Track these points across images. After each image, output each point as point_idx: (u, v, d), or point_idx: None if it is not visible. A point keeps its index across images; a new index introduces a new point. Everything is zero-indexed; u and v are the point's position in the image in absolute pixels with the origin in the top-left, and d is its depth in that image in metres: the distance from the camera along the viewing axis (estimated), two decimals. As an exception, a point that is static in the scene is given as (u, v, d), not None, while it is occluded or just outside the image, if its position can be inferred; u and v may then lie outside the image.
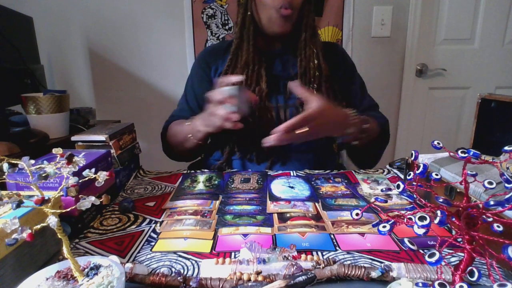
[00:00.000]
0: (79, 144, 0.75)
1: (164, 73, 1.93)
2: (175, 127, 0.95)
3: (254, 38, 0.91)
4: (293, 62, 0.94)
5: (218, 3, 1.84)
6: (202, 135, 0.84)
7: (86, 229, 0.57)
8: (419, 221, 0.31)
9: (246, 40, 0.91)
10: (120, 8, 1.83)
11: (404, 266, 0.42)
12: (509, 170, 0.57)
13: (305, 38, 0.92)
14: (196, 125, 0.83)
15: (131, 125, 0.86)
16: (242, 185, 0.75)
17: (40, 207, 0.34)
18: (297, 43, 0.93)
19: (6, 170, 0.35)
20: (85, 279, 0.36)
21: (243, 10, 0.92)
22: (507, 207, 0.30)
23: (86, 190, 0.59)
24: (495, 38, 1.92)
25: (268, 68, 0.93)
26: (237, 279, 0.41)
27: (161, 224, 0.58)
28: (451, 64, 1.96)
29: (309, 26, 0.92)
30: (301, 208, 0.63)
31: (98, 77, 1.94)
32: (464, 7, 1.88)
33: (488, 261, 0.32)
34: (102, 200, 0.37)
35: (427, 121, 2.07)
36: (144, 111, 1.97)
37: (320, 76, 0.91)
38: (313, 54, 0.92)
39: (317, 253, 0.48)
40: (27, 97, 1.19)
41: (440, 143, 0.37)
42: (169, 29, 1.87)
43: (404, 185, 0.37)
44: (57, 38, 1.87)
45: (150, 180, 0.80)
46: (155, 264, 0.46)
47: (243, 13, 0.92)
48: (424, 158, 0.69)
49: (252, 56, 0.91)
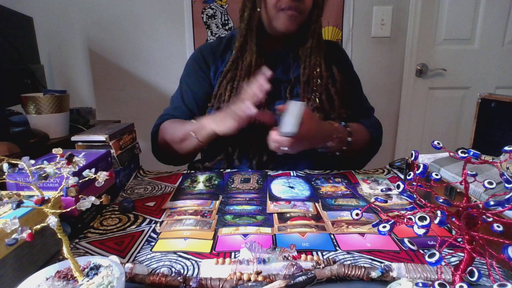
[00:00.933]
0: (79, 144, 0.75)
1: (164, 73, 1.93)
2: (172, 125, 0.92)
3: (257, 37, 0.89)
4: (294, 65, 0.93)
5: (218, 3, 1.84)
6: (207, 135, 0.82)
7: (86, 229, 0.57)
8: (419, 221, 0.31)
9: (250, 38, 0.89)
10: (120, 8, 1.83)
11: (404, 266, 0.42)
12: (509, 170, 0.57)
13: (311, 45, 0.90)
14: (203, 124, 0.82)
15: (131, 125, 0.86)
16: (242, 185, 0.75)
17: (40, 207, 0.34)
18: (300, 46, 0.91)
19: (6, 170, 0.35)
20: (85, 279, 0.36)
21: (251, 6, 0.87)
22: (507, 207, 0.30)
23: (86, 190, 0.59)
24: (495, 38, 1.92)
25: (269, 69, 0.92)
26: (237, 279, 0.41)
27: (161, 224, 0.58)
28: (451, 64, 1.96)
29: (316, 33, 0.90)
30: (301, 208, 0.63)
31: (98, 77, 1.94)
32: (464, 7, 1.88)
33: (488, 261, 0.32)
34: (102, 200, 0.37)
35: (427, 121, 2.07)
36: (144, 111, 1.97)
37: (322, 84, 0.90)
38: (317, 62, 0.90)
39: (317, 253, 0.48)
40: (27, 97, 1.19)
41: (440, 143, 0.37)
42: (169, 29, 1.87)
43: (404, 185, 0.37)
44: (57, 38, 1.87)
45: (150, 180, 0.80)
46: (155, 264, 0.46)
47: (251, 8, 0.87)
48: (424, 158, 0.69)
49: (256, 57, 0.89)
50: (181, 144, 0.87)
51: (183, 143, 0.87)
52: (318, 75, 0.90)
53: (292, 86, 0.92)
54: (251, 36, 0.89)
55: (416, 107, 2.03)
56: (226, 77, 0.91)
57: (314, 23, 0.89)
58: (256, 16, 0.87)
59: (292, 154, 0.79)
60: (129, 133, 0.84)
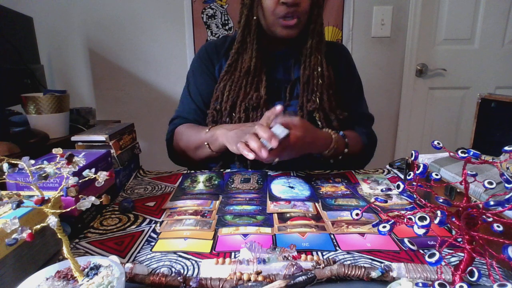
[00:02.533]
0: (79, 144, 0.75)
1: (164, 73, 1.93)
2: (186, 132, 0.92)
3: (258, 42, 0.88)
4: (295, 65, 0.93)
5: (218, 3, 1.84)
6: (219, 146, 0.82)
7: (86, 229, 0.56)
8: (419, 221, 0.31)
9: (249, 43, 0.88)
10: (120, 8, 1.83)
11: (404, 266, 0.42)
12: (509, 170, 0.57)
13: (311, 45, 0.89)
14: (217, 135, 0.82)
15: (131, 125, 0.86)
16: (242, 185, 0.75)
17: (40, 207, 0.34)
18: (301, 46, 0.90)
19: (6, 170, 0.35)
20: (85, 279, 0.36)
21: (247, 12, 0.87)
22: (507, 207, 0.30)
23: (86, 190, 0.59)
24: (495, 38, 1.92)
25: (269, 71, 0.91)
26: (237, 279, 0.41)
27: (161, 224, 0.58)
28: (451, 64, 1.96)
29: (316, 33, 0.88)
30: (301, 208, 0.63)
31: (98, 77, 1.94)
32: (464, 7, 1.88)
33: (488, 261, 0.32)
34: (102, 200, 0.37)
35: (427, 121, 2.07)
36: (144, 111, 1.97)
37: (323, 84, 0.89)
38: (318, 62, 0.89)
39: (317, 253, 0.48)
40: (27, 97, 1.19)
41: (440, 143, 0.37)
42: (169, 29, 1.87)
43: (404, 185, 0.37)
44: (57, 38, 1.87)
45: (150, 180, 0.80)
46: (155, 264, 0.46)
47: (247, 15, 0.87)
48: (424, 158, 0.69)
49: (254, 61, 0.88)
50: (195, 151, 0.89)
51: (197, 151, 0.88)
52: (319, 75, 0.89)
53: (292, 86, 0.92)
54: (250, 41, 0.88)
55: (416, 107, 2.03)
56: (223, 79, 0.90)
57: (314, 22, 0.88)
58: (253, 22, 0.87)
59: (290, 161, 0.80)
60: (129, 133, 0.84)
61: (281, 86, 0.91)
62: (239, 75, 0.89)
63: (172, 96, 1.94)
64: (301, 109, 0.89)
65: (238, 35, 0.90)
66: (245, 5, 0.87)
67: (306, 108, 0.88)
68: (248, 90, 0.88)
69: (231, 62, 0.90)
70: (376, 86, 1.97)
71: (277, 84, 0.91)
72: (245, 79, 0.88)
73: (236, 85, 0.89)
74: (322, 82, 0.89)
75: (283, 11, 0.81)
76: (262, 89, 0.88)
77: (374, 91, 1.94)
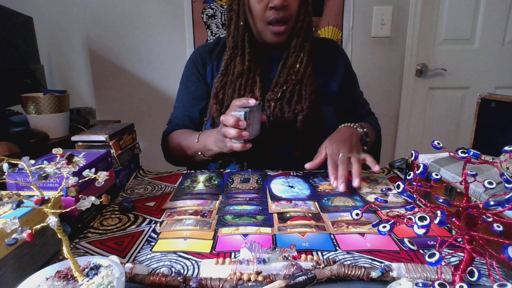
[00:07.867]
0: (79, 144, 0.75)
1: (164, 73, 1.93)
2: (180, 139, 0.93)
3: (250, 46, 0.88)
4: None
5: (218, 3, 1.84)
6: (213, 153, 0.85)
7: (86, 229, 0.57)
8: (419, 221, 0.31)
9: (241, 48, 0.88)
10: (120, 8, 1.83)
11: (404, 266, 0.42)
12: (509, 170, 0.57)
13: (295, 44, 0.89)
14: (207, 144, 0.84)
15: (131, 125, 0.86)
16: (242, 185, 0.75)
17: (40, 207, 0.34)
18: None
19: (6, 170, 0.35)
20: (85, 279, 0.36)
21: (236, 18, 0.87)
22: (507, 207, 0.30)
23: (86, 190, 0.59)
24: (495, 38, 1.92)
25: (264, 72, 0.91)
26: (237, 279, 0.41)
27: (161, 224, 0.58)
28: (451, 64, 1.96)
29: (302, 31, 0.88)
30: (303, 207, 0.63)
31: (98, 77, 1.94)
32: (464, 7, 1.88)
33: (488, 261, 0.32)
34: (102, 200, 0.37)
35: (427, 121, 2.07)
36: (144, 111, 1.97)
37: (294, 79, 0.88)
38: (298, 60, 0.89)
39: (317, 253, 0.48)
40: (27, 97, 1.19)
41: (440, 143, 0.37)
42: (169, 29, 1.87)
43: (404, 185, 0.37)
44: (57, 38, 1.87)
45: (150, 180, 0.80)
46: (155, 264, 0.46)
47: (235, 21, 0.87)
48: (424, 158, 0.69)
49: (248, 65, 0.88)
50: (190, 159, 0.92)
51: (193, 158, 0.91)
52: (294, 73, 0.89)
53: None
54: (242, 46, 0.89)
55: (416, 107, 2.03)
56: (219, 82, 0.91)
57: (301, 21, 0.88)
58: (242, 28, 0.87)
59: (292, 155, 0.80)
60: (129, 133, 0.84)
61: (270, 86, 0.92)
62: (232, 78, 0.90)
63: (172, 96, 1.93)
64: (263, 100, 0.89)
65: (228, 41, 0.90)
66: (233, 10, 0.87)
67: (266, 99, 0.89)
68: (243, 92, 0.89)
69: (225, 67, 0.91)
70: (376, 86, 1.97)
71: (271, 85, 0.91)
72: (238, 81, 0.89)
73: (230, 87, 0.90)
74: (295, 77, 0.89)
75: (272, 16, 0.82)
76: (257, 91, 0.89)
77: (374, 91, 1.94)
